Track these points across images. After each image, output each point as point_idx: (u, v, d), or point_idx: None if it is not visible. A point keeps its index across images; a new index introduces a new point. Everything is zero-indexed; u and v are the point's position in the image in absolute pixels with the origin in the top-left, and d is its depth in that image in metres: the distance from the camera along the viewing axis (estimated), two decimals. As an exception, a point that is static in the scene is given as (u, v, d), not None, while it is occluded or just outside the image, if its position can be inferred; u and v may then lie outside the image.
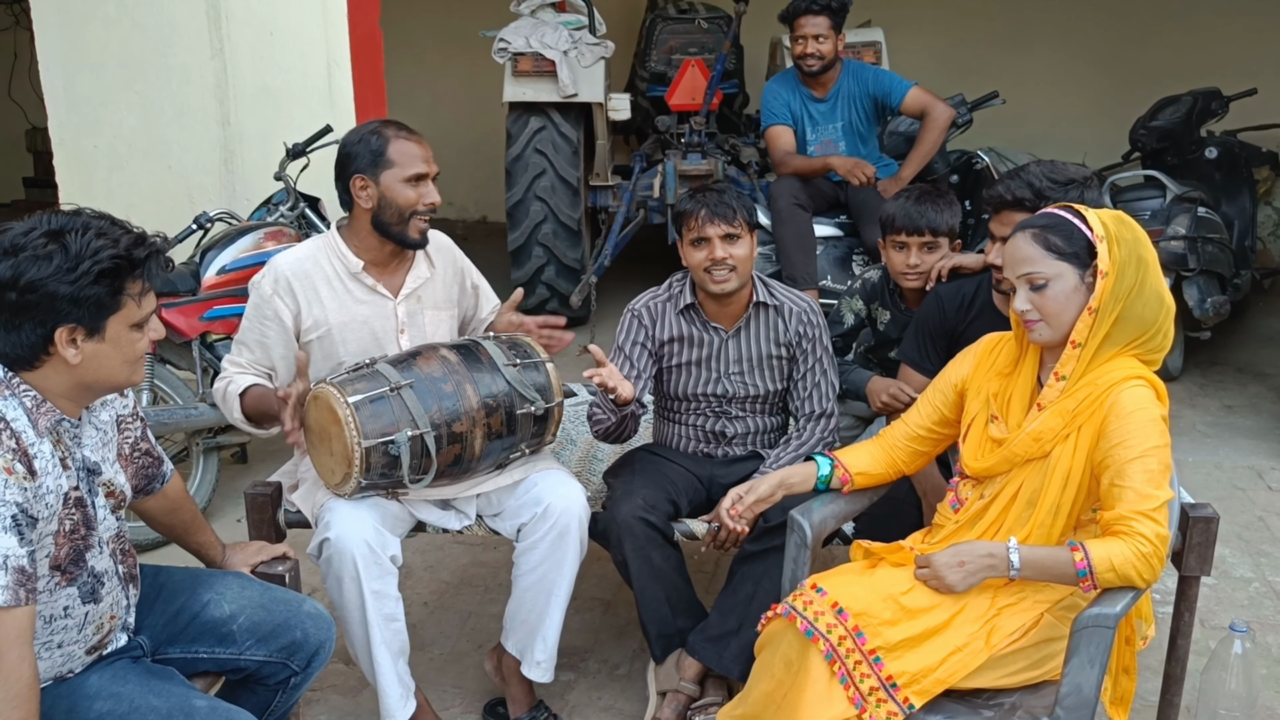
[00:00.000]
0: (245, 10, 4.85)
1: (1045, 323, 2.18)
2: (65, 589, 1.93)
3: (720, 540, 2.70)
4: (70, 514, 1.91)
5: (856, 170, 4.75)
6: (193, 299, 3.93)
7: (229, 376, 2.74)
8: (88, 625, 2.00)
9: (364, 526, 2.55)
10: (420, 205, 2.69)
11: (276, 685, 2.28)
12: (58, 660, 1.97)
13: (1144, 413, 2.12)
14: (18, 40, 9.22)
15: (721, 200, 2.80)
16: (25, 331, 1.83)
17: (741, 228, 2.80)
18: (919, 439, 2.51)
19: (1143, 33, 8.41)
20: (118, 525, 2.07)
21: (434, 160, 2.72)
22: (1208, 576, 2.61)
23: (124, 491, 2.08)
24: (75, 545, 1.93)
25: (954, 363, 2.49)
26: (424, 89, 9.07)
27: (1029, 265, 2.17)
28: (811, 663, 2.11)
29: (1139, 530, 2.04)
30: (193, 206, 4.74)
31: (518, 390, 2.63)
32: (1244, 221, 5.98)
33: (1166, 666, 2.64)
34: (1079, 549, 2.07)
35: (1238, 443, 4.82)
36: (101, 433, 2.05)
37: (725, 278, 2.80)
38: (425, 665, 3.15)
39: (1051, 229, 2.17)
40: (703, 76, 6.26)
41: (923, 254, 3.07)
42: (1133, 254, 2.14)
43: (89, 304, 1.84)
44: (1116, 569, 2.04)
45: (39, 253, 1.80)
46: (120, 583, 2.07)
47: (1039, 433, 2.21)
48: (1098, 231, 2.14)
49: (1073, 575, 2.08)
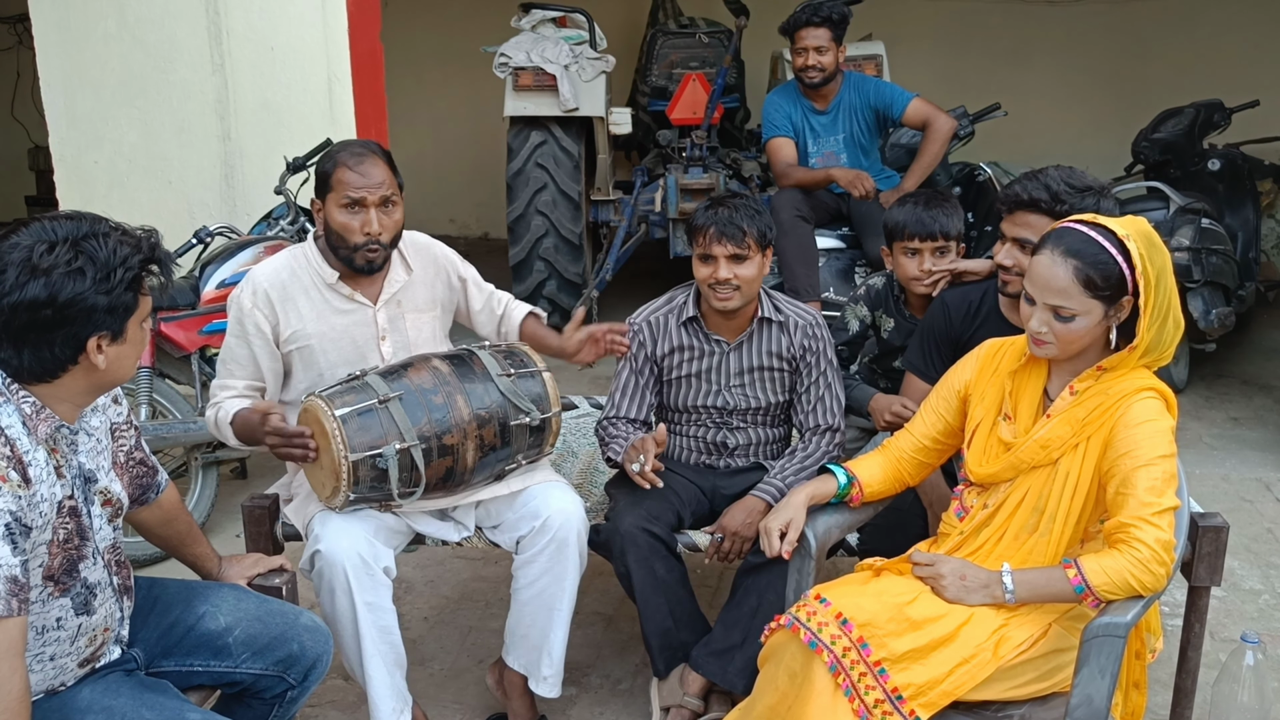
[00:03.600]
0: (246, 27, 4.85)
1: (1056, 345, 2.17)
2: (58, 600, 1.90)
3: (724, 552, 2.67)
4: (64, 523, 1.89)
5: (858, 182, 4.74)
6: (192, 313, 3.92)
7: (219, 403, 2.70)
8: (80, 637, 1.97)
9: (355, 538, 2.52)
10: (358, 236, 2.62)
11: (273, 699, 2.25)
12: (50, 673, 1.94)
13: (1152, 424, 2.11)
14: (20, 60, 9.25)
15: (732, 220, 2.74)
16: (58, 346, 1.82)
17: (751, 249, 2.75)
18: (925, 450, 2.49)
19: (1143, 46, 8.43)
20: (114, 536, 2.04)
21: (386, 185, 2.62)
22: (1218, 588, 2.58)
23: (120, 500, 2.06)
24: (68, 555, 1.91)
25: (956, 369, 2.46)
26: (424, 106, 9.09)
27: (1062, 298, 2.12)
28: (816, 675, 2.07)
29: (1137, 536, 2.03)
30: (193, 221, 4.73)
31: (512, 401, 2.60)
32: (1248, 234, 5.96)
33: (1177, 679, 2.61)
34: (1072, 565, 2.07)
35: (1244, 455, 4.79)
36: (95, 439, 2.02)
37: (728, 296, 2.78)
38: (425, 681, 3.12)
39: (1095, 266, 2.09)
40: (704, 91, 6.27)
41: (935, 259, 3.05)
42: (1163, 285, 2.12)
43: (120, 310, 1.85)
44: (1113, 579, 2.03)
45: (70, 268, 1.79)
46: (114, 594, 2.05)
47: (1046, 440, 2.19)
48: (1139, 268, 2.08)
49: (1070, 592, 2.07)
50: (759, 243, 2.77)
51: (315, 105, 4.91)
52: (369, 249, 2.64)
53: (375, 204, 2.62)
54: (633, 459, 2.66)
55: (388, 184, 2.65)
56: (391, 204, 2.67)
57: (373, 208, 2.62)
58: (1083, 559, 2.07)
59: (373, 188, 2.62)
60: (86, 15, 4.86)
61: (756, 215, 2.77)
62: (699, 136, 6.16)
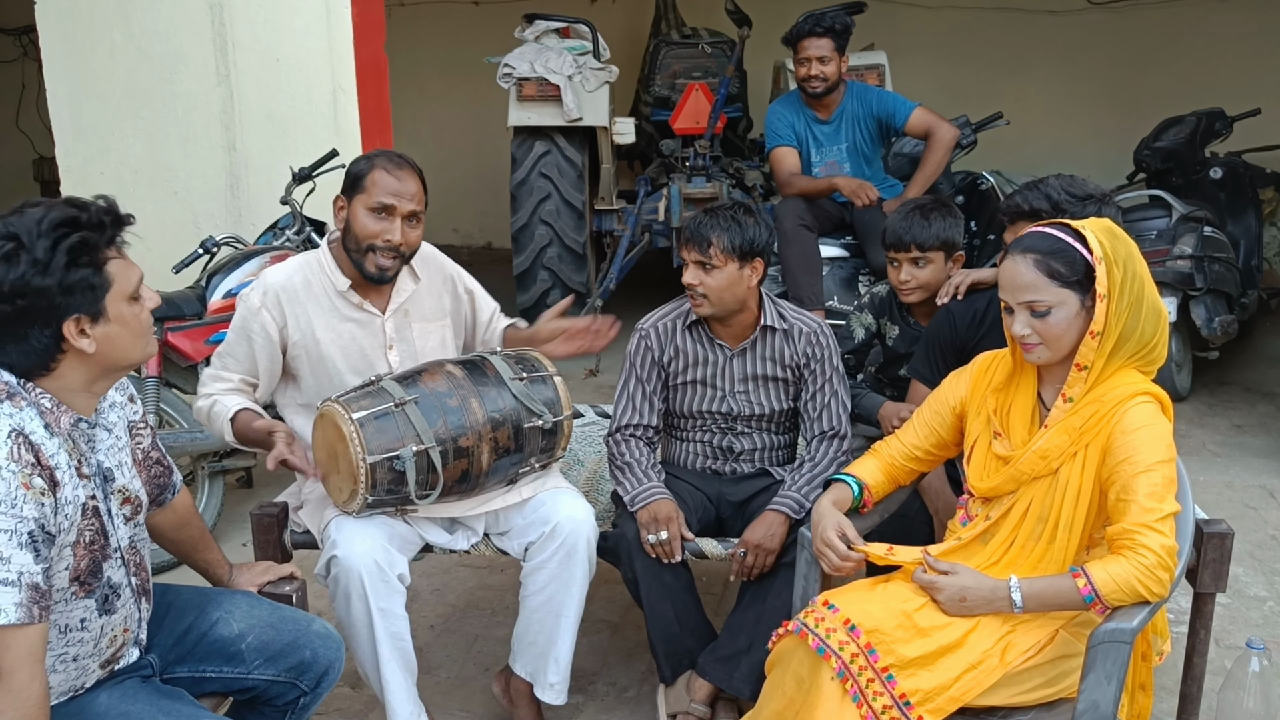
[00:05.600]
0: (251, 38, 4.88)
1: (1045, 346, 2.18)
2: (82, 600, 1.91)
3: (748, 566, 2.69)
4: (90, 524, 1.90)
5: (861, 191, 4.75)
6: (198, 322, 3.94)
7: (214, 395, 2.69)
8: (103, 638, 1.98)
9: (372, 544, 2.53)
10: (379, 240, 2.62)
11: (285, 705, 2.25)
12: (72, 674, 1.95)
13: (1149, 429, 2.11)
14: (25, 71, 9.30)
15: (700, 229, 2.73)
16: (34, 337, 1.81)
17: (716, 258, 2.71)
18: (915, 459, 2.51)
19: (1145, 55, 8.45)
20: (131, 536, 2.05)
21: (417, 200, 2.64)
22: (1223, 594, 2.59)
23: (140, 498, 2.06)
24: (94, 556, 1.91)
25: (949, 383, 2.47)
26: (427, 117, 9.13)
27: (1031, 293, 2.15)
28: (823, 680, 2.08)
29: (1142, 543, 2.04)
30: (199, 232, 4.77)
31: (525, 405, 2.62)
32: (1250, 241, 5.98)
33: (1183, 686, 2.60)
34: (1080, 574, 2.07)
35: (1248, 462, 4.79)
36: (114, 436, 2.03)
37: (698, 303, 2.79)
38: (432, 689, 3.13)
39: (1054, 255, 2.14)
40: (706, 100, 6.29)
41: (912, 269, 3.06)
42: (1128, 270, 2.13)
43: (81, 288, 1.81)
44: (1122, 587, 2.04)
45: (4, 254, 1.76)
46: (134, 595, 2.05)
47: (1045, 450, 2.20)
48: (1096, 253, 2.12)
49: (1080, 601, 2.08)
50: (732, 253, 2.71)
51: (320, 116, 4.93)
52: (384, 255, 2.64)
53: (404, 215, 2.63)
54: (652, 530, 2.66)
55: (419, 199, 2.67)
56: (416, 220, 2.68)
57: (400, 218, 2.63)
58: (1090, 567, 2.07)
59: (406, 198, 2.63)
60: (92, 27, 4.88)
61: (735, 227, 2.72)
62: (702, 146, 6.18)
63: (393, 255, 2.65)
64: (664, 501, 2.71)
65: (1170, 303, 5.24)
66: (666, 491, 2.75)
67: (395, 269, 2.70)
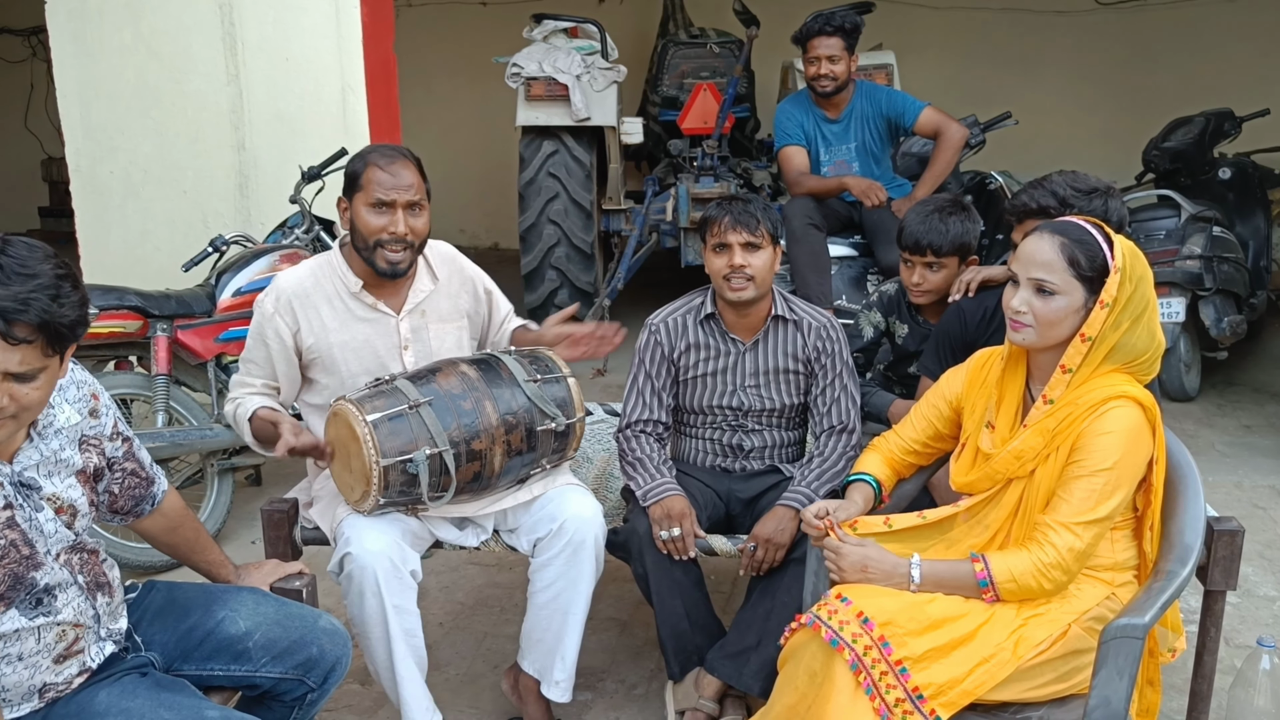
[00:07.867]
0: (260, 38, 4.90)
1: (1034, 328, 2.18)
2: (5, 612, 1.87)
3: (758, 560, 2.69)
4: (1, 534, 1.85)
5: (870, 191, 4.74)
6: (208, 320, 3.95)
7: (238, 399, 2.73)
8: (46, 634, 1.93)
9: (386, 541, 2.54)
10: (384, 234, 2.63)
11: (293, 702, 2.24)
12: (23, 672, 1.92)
13: (1112, 436, 2.13)
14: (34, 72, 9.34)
15: (746, 209, 2.79)
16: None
17: (764, 238, 2.79)
18: (913, 453, 2.54)
19: (1153, 55, 8.44)
20: (74, 537, 1.99)
21: (415, 189, 2.64)
22: (1232, 593, 2.58)
23: (77, 506, 1.99)
24: (12, 570, 1.86)
25: (947, 379, 2.49)
26: (435, 117, 9.14)
27: (1046, 271, 2.16)
28: (836, 673, 2.08)
29: (1050, 539, 2.11)
30: (208, 230, 4.78)
31: (538, 406, 2.62)
32: (1259, 242, 5.97)
33: (1193, 684, 2.60)
34: (980, 560, 2.14)
35: (1257, 462, 4.78)
36: (53, 449, 1.96)
37: (743, 286, 2.79)
38: (441, 686, 3.12)
39: (1079, 245, 2.14)
40: (714, 100, 6.30)
41: (926, 273, 3.06)
42: (1138, 291, 2.15)
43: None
44: (1017, 579, 2.12)
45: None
46: (82, 591, 1.99)
47: (1020, 451, 2.22)
48: (1116, 262, 2.13)
49: (975, 586, 2.14)
50: (771, 235, 2.81)
51: (329, 115, 4.95)
52: (392, 248, 2.64)
53: (403, 206, 2.63)
54: (665, 527, 2.67)
55: (416, 188, 2.66)
56: (419, 208, 2.67)
57: (400, 209, 2.63)
58: (992, 556, 2.16)
59: (402, 189, 2.63)
60: (102, 27, 4.90)
61: (767, 209, 2.83)
62: (710, 146, 6.18)
63: (401, 247, 2.65)
64: (677, 498, 2.71)
65: (1179, 303, 5.23)
66: (679, 488, 2.75)
67: (408, 260, 2.69)
